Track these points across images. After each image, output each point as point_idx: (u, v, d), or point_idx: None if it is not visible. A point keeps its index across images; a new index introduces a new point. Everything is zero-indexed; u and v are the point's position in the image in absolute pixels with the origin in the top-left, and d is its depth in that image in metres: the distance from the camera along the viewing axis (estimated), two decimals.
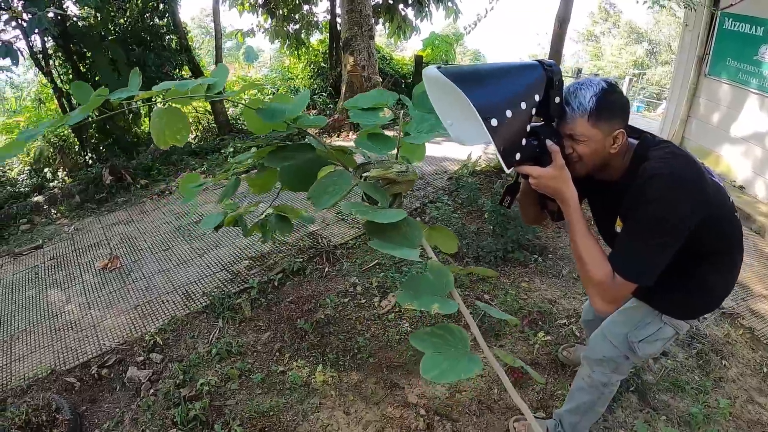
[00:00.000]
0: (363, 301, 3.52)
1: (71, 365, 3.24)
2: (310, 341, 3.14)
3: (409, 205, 5.11)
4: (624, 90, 14.94)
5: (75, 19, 7.36)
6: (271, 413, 2.62)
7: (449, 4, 9.69)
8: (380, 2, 9.58)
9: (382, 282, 3.71)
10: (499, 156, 1.19)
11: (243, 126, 9.52)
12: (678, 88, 6.83)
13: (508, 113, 1.14)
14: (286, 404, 2.68)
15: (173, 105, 1.13)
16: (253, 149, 1.52)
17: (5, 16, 5.49)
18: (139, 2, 7.80)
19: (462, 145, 1.33)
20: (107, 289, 4.15)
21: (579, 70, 14.80)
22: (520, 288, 3.64)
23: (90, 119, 7.60)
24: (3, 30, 5.45)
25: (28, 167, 8.45)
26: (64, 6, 6.91)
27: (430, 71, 1.13)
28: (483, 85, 1.14)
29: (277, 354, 3.07)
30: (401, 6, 9.59)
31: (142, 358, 3.20)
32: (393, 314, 3.34)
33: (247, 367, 2.97)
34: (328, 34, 10.99)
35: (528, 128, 1.25)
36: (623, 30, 33.48)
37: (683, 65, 6.73)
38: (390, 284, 3.66)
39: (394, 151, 1.41)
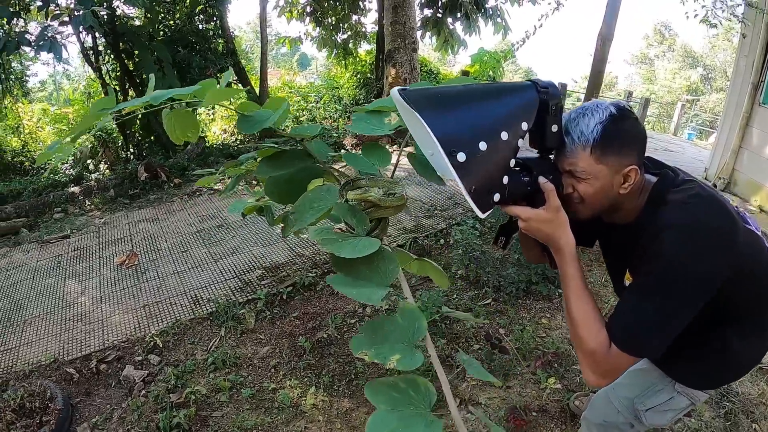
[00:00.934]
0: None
1: (73, 356, 3.27)
2: (308, 361, 3.01)
3: (435, 225, 4.96)
4: (675, 116, 14.38)
5: (125, 18, 7.58)
6: (254, 431, 2.50)
7: (498, 19, 9.51)
8: (429, 16, 9.51)
9: (394, 305, 3.55)
10: (467, 198, 0.97)
11: (284, 131, 9.52)
12: (730, 117, 6.39)
13: (482, 146, 0.94)
14: (271, 424, 2.55)
15: (183, 108, 1.16)
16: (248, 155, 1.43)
17: (57, 12, 5.69)
18: (187, 5, 7.98)
19: (447, 179, 1.11)
20: (121, 285, 4.15)
21: (630, 93, 14.24)
22: (539, 324, 3.42)
23: (137, 114, 7.80)
24: (50, 26, 5.65)
25: (72, 157, 8.72)
26: (114, 5, 7.12)
27: (394, 94, 0.96)
28: (448, 110, 0.95)
29: (272, 370, 2.95)
30: (449, 20, 9.47)
31: (140, 358, 3.18)
32: None
33: (240, 380, 2.87)
34: (375, 45, 10.99)
35: (512, 163, 1.04)
36: (678, 54, 32.36)
37: (737, 92, 6.30)
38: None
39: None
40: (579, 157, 1.10)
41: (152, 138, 8.78)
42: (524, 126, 1.00)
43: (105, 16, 7.06)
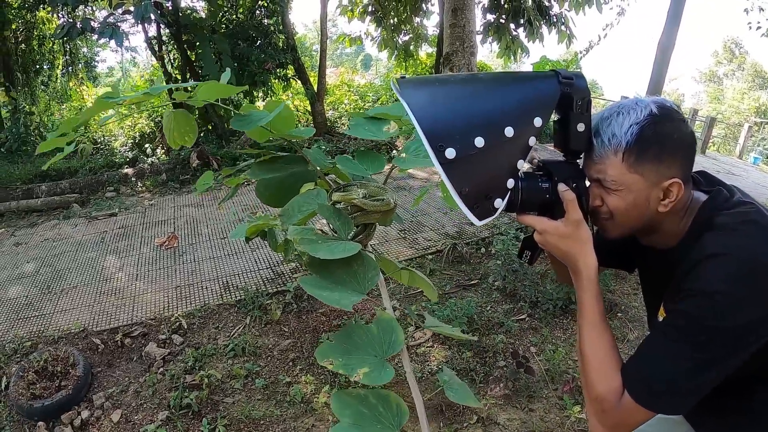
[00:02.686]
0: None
1: (102, 328, 3.36)
2: None
3: (477, 233, 4.81)
4: (741, 139, 13.51)
5: (188, 10, 7.81)
6: (262, 422, 2.48)
7: (562, 27, 9.20)
8: (491, 21, 9.33)
9: (422, 311, 3.44)
10: (458, 201, 0.84)
11: (341, 128, 9.63)
12: None
13: (478, 141, 0.80)
14: (279, 417, 2.50)
15: (182, 109, 1.16)
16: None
17: (122, 7, 5.92)
18: (247, 0, 8.14)
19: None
20: (158, 265, 4.22)
21: (695, 112, 13.48)
22: (573, 346, 3.22)
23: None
24: (113, 14, 5.90)
25: (131, 140, 9.06)
26: None
27: (391, 82, 0.86)
28: (441, 98, 0.83)
29: (290, 364, 2.91)
30: (512, 26, 9.25)
31: (164, 337, 3.23)
32: (424, 348, 3.06)
33: (256, 369, 2.85)
34: (436, 49, 10.89)
35: (523, 164, 0.88)
36: (748, 73, 30.60)
37: None
38: (430, 316, 3.38)
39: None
40: (609, 164, 0.92)
41: (209, 127, 9.00)
42: (538, 122, 0.86)
43: (170, 8, 7.31)
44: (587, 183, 0.97)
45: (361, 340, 0.90)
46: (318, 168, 1.20)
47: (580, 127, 0.91)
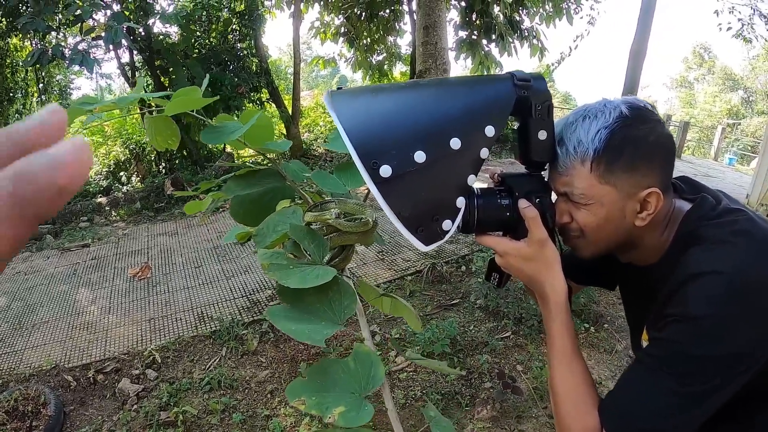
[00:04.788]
0: (378, 352, 3.18)
1: (74, 364, 3.23)
2: None
3: (456, 251, 4.75)
4: (715, 141, 13.71)
5: (161, 36, 7.75)
6: None
7: (534, 41, 9.33)
8: (464, 38, 9.42)
9: (404, 335, 3.36)
10: (398, 225, 0.74)
11: (317, 150, 9.58)
12: None
13: (418, 156, 0.71)
14: None
15: (163, 114, 1.12)
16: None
17: (92, 27, 5.84)
18: (220, 25, 8.11)
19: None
20: (131, 297, 4.08)
21: (669, 117, 13.71)
22: None
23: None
24: (83, 40, 5.83)
25: (106, 168, 8.88)
26: (150, 22, 7.29)
27: (325, 96, 0.77)
28: (376, 108, 0.74)
29: (268, 396, 2.80)
30: (484, 42, 9.35)
31: (138, 372, 3.10)
32: (406, 373, 2.97)
33: (233, 403, 2.73)
34: (410, 67, 10.96)
35: (473, 180, 0.78)
36: (718, 76, 31.40)
37: None
38: (411, 338, 3.29)
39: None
40: (576, 175, 0.83)
41: (184, 153, 8.88)
42: (490, 131, 0.76)
43: (143, 33, 7.23)
44: (553, 197, 0.88)
45: (338, 376, 0.80)
46: (294, 182, 1.13)
47: (542, 134, 0.82)
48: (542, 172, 0.89)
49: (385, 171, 0.70)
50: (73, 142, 0.21)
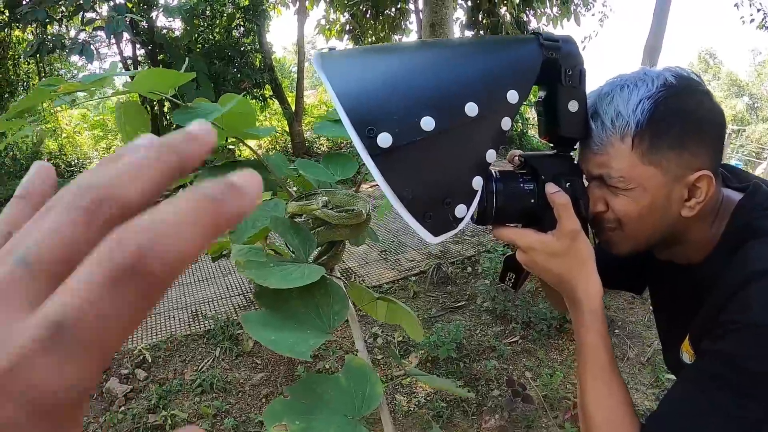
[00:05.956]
0: (379, 356, 3.04)
1: None
2: None
3: (462, 252, 4.60)
4: None
5: (164, 30, 7.66)
6: None
7: None
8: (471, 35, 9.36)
9: (407, 338, 3.20)
10: (399, 210, 0.59)
11: (320, 148, 9.50)
12: None
13: (427, 123, 0.57)
14: None
15: (132, 98, 1.06)
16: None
17: (93, 18, 5.78)
18: (224, 20, 8.02)
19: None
20: None
21: None
22: (571, 368, 3.00)
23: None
24: (83, 30, 5.76)
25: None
26: (152, 15, 7.21)
27: (314, 58, 0.63)
28: (375, 70, 0.61)
29: (263, 400, 2.66)
30: None
31: (127, 372, 2.97)
32: (410, 379, 2.82)
33: (225, 407, 2.60)
34: None
35: (492, 156, 0.64)
36: (723, 82, 31.53)
37: None
38: (415, 342, 3.14)
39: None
40: (614, 154, 0.69)
41: None
42: (512, 96, 0.62)
43: (145, 26, 7.13)
44: (585, 182, 0.74)
45: (327, 395, 0.68)
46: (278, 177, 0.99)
47: (573, 105, 0.68)
48: (572, 153, 0.75)
49: (384, 140, 0.56)
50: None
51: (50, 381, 0.13)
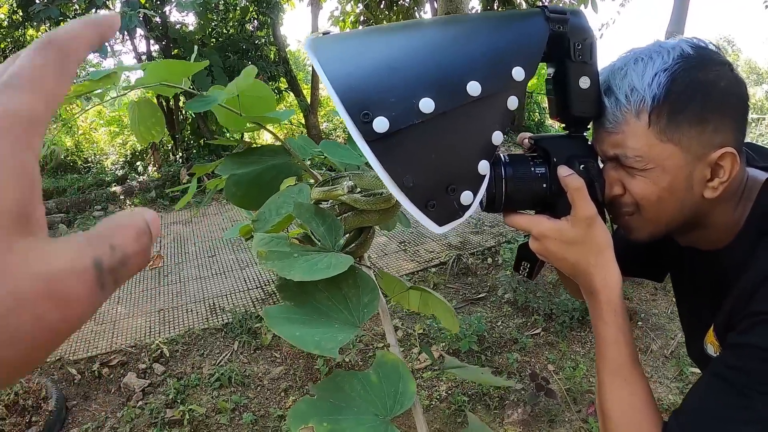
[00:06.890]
0: (400, 349, 2.98)
1: (79, 356, 3.09)
2: None
3: (482, 242, 4.53)
4: None
5: (178, 25, 7.66)
6: None
7: None
8: None
9: (428, 330, 3.15)
10: (400, 198, 0.56)
11: (336, 140, 9.46)
12: None
13: (426, 104, 0.53)
14: None
15: (146, 96, 1.08)
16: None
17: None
18: (238, 13, 8.00)
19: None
20: (141, 287, 3.94)
21: None
22: (594, 362, 2.93)
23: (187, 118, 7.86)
24: None
25: (123, 158, 8.83)
26: (166, 10, 7.21)
27: (307, 43, 0.59)
28: (371, 50, 0.57)
29: (282, 394, 2.63)
30: None
31: (144, 366, 2.97)
32: (430, 372, 2.77)
33: (244, 402, 2.57)
34: None
35: (499, 138, 0.60)
36: (742, 70, 30.99)
37: None
38: (436, 335, 3.08)
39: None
40: (630, 131, 0.64)
41: (201, 142, 8.79)
42: (518, 73, 0.58)
43: (158, 21, 7.13)
44: (600, 163, 0.69)
45: (356, 393, 0.62)
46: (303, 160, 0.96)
47: (584, 82, 0.63)
48: (585, 133, 0.70)
49: (381, 124, 0.52)
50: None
51: (8, 105, 0.19)
